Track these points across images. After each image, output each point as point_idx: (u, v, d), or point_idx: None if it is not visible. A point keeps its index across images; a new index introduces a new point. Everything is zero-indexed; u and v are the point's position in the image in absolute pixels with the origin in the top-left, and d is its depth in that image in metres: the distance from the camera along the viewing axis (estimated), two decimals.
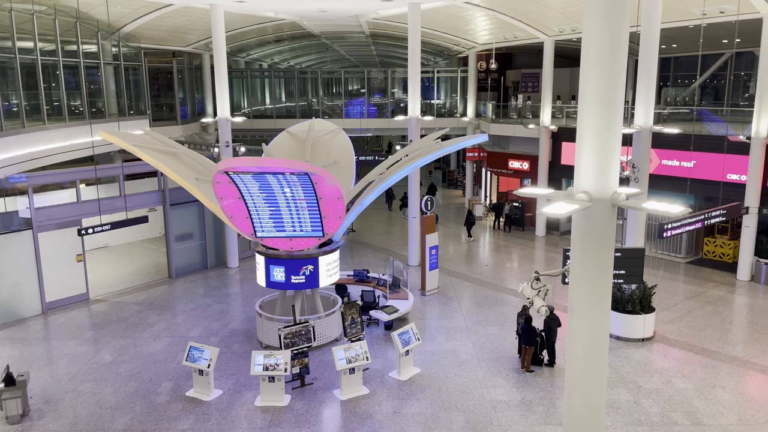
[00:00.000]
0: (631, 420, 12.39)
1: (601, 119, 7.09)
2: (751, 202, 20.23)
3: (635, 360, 15.16)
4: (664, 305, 18.04)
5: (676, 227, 16.33)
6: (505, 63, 36.08)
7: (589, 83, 7.09)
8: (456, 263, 23.99)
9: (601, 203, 7.15)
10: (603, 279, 7.40)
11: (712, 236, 23.50)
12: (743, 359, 15.19)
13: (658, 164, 22.71)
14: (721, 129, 22.34)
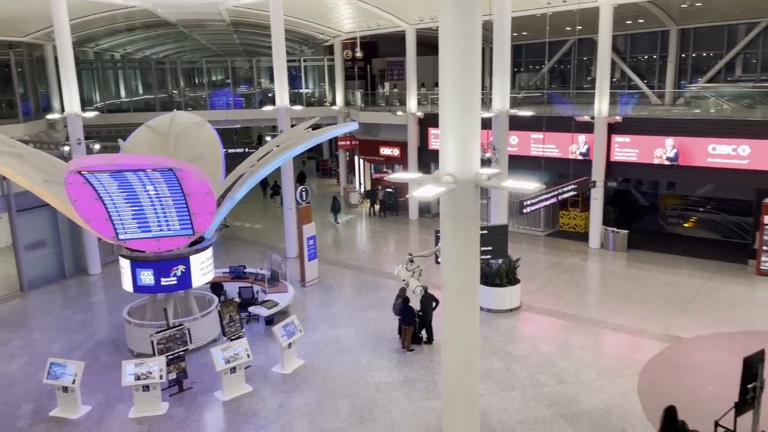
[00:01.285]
0: (504, 386, 13.22)
1: (461, 105, 7.41)
2: (598, 176, 22.24)
3: (505, 330, 16.18)
4: (528, 276, 19.37)
5: (534, 203, 17.56)
6: (370, 51, 36.53)
7: (447, 71, 7.37)
8: (335, 252, 24.09)
9: (465, 184, 7.49)
10: (471, 255, 7.77)
11: (566, 210, 25.56)
12: (598, 320, 16.73)
13: (519, 145, 24.22)
14: (569, 110, 24.26)
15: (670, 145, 20.82)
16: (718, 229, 23.88)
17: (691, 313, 16.75)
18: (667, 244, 23.18)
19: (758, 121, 20.25)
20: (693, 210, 24.86)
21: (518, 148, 24.19)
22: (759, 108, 22.14)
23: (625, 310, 17.10)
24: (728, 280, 19.19)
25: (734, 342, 14.35)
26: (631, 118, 22.41)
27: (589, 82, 29.33)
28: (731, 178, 20.15)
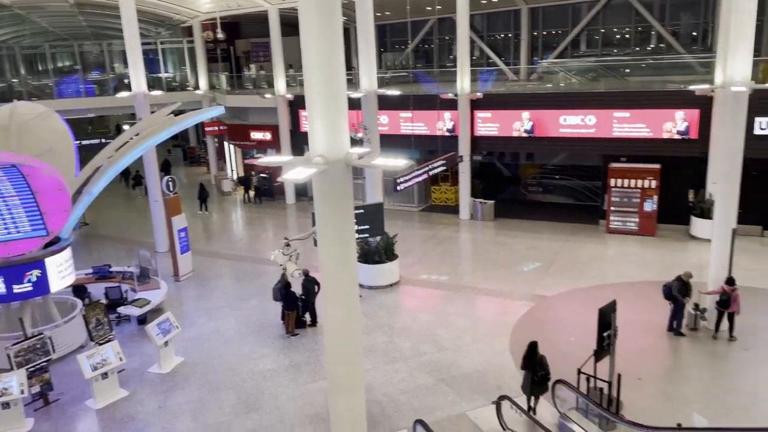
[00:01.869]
0: (388, 359, 13.57)
1: (327, 85, 7.36)
2: (464, 151, 23.26)
3: (386, 305, 16.57)
4: (406, 251, 19.91)
5: (407, 180, 18.02)
6: (233, 32, 35.27)
7: (310, 51, 7.27)
8: (209, 243, 23.25)
9: (336, 164, 7.48)
10: (346, 235, 7.83)
11: (438, 185, 26.54)
12: (472, 286, 17.63)
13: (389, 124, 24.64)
14: (434, 88, 25.06)
15: (527, 118, 22.22)
16: (573, 194, 25.99)
17: (553, 273, 18.14)
18: (529, 211, 24.85)
19: (602, 93, 22.18)
20: (550, 178, 26.83)
21: (389, 127, 24.63)
22: (602, 80, 24.24)
23: (496, 276, 18.16)
24: (583, 240, 20.98)
25: (590, 296, 15.73)
26: (491, 94, 23.61)
27: (452, 60, 30.45)
28: (581, 146, 21.95)
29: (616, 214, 21.25)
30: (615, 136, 20.97)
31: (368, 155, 8.01)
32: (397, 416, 11.42)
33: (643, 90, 21.69)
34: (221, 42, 32.36)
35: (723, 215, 13.99)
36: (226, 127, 31.49)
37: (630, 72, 24.69)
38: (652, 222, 20.75)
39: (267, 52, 33.06)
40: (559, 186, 26.46)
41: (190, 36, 34.01)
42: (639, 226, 20.87)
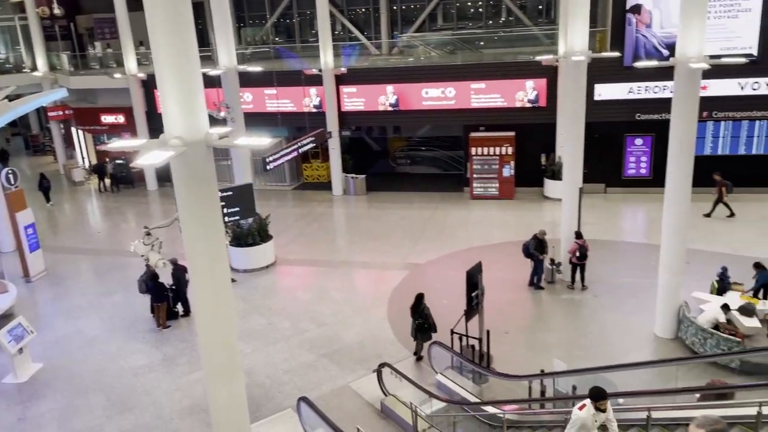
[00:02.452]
0: (268, 340, 13.42)
1: (178, 62, 6.94)
2: (332, 127, 23.23)
3: (263, 287, 16.31)
4: (280, 231, 19.64)
5: (276, 159, 17.70)
6: (71, 8, 32.14)
7: (157, 26, 6.81)
8: (63, 238, 21.43)
9: (195, 146, 7.13)
10: (212, 218, 7.53)
11: (309, 162, 26.35)
12: (349, 261, 17.83)
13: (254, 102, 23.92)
14: (298, 64, 24.66)
15: (391, 92, 22.62)
16: (439, 164, 26.97)
17: (425, 240, 18.82)
18: (399, 183, 25.48)
19: (459, 66, 23.07)
20: (417, 150, 27.62)
21: (253, 105, 23.95)
22: (459, 54, 25.18)
23: (371, 248, 18.50)
24: (450, 208, 21.93)
25: (459, 259, 16.50)
26: (355, 69, 23.71)
27: (314, 35, 30.09)
28: (442, 118, 22.80)
29: (478, 181, 22.41)
30: (473, 106, 21.99)
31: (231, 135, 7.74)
32: (281, 396, 11.38)
33: (496, 62, 22.85)
34: (59, 18, 29.45)
35: (570, 176, 15.25)
36: (72, 111, 28.89)
37: (484, 45, 25.87)
38: (511, 186, 22.15)
39: (113, 28, 30.58)
40: (425, 157, 27.33)
41: (22, 12, 30.57)
42: (499, 190, 22.18)
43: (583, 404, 6.35)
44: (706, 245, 16.20)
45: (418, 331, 12.22)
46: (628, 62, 19.84)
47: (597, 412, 6.31)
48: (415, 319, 12.21)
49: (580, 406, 6.35)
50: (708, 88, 19.02)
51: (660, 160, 14.64)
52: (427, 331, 12.21)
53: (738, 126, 20.40)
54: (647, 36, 20.06)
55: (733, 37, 19.49)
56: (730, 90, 19.87)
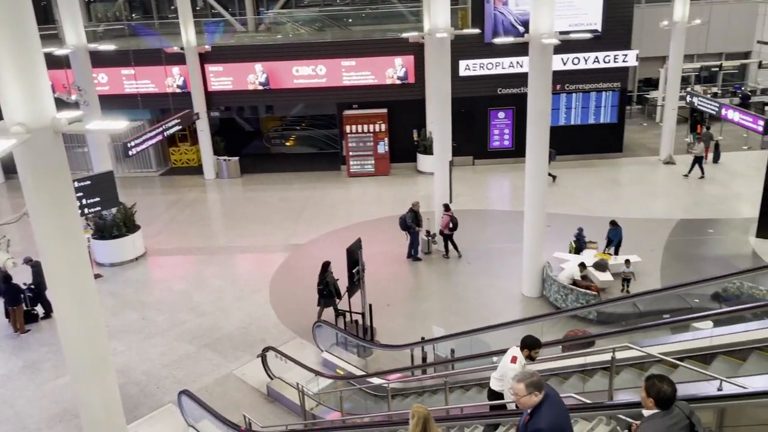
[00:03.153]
0: (143, 335, 12.76)
1: (14, 41, 6.27)
2: (199, 107, 22.23)
3: (134, 280, 15.42)
4: (149, 220, 18.60)
5: (139, 144, 16.69)
6: None
7: None
8: None
9: (41, 132, 6.52)
10: (68, 210, 6.97)
11: (176, 145, 25.07)
12: (227, 246, 17.32)
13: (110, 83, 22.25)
14: (157, 42, 23.24)
15: (261, 71, 22.03)
16: (315, 143, 26.81)
17: (305, 221, 18.72)
18: (276, 164, 25.02)
19: (329, 43, 22.93)
20: (291, 129, 27.24)
21: (110, 86, 22.29)
22: (328, 31, 25.02)
23: (250, 232, 18.08)
24: (328, 186, 21.93)
25: (340, 237, 16.59)
26: (220, 47, 22.79)
27: (173, 11, 28.44)
28: (315, 96, 22.63)
29: (354, 159, 22.58)
30: (345, 84, 22.01)
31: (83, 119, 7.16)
32: (161, 392, 10.90)
33: (365, 39, 22.98)
34: None
35: (440, 150, 15.80)
36: None
37: (352, 22, 25.90)
38: (386, 162, 22.55)
39: None
40: (301, 136, 27.04)
41: None
42: (375, 167, 22.51)
43: (514, 357, 6.20)
44: (563, 209, 17.55)
45: (321, 296, 12.62)
46: (488, 39, 20.76)
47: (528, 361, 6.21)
48: (319, 285, 12.59)
49: (512, 359, 6.20)
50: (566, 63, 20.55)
51: (521, 131, 15.56)
52: (329, 297, 12.58)
53: (587, 97, 22.16)
54: (504, 13, 21.10)
55: (579, 14, 21.03)
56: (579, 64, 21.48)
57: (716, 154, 21.41)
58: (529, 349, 6.17)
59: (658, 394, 3.77)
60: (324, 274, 12.61)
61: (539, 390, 4.02)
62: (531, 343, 6.19)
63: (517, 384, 4.08)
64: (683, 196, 18.76)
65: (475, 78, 21.64)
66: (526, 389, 4.02)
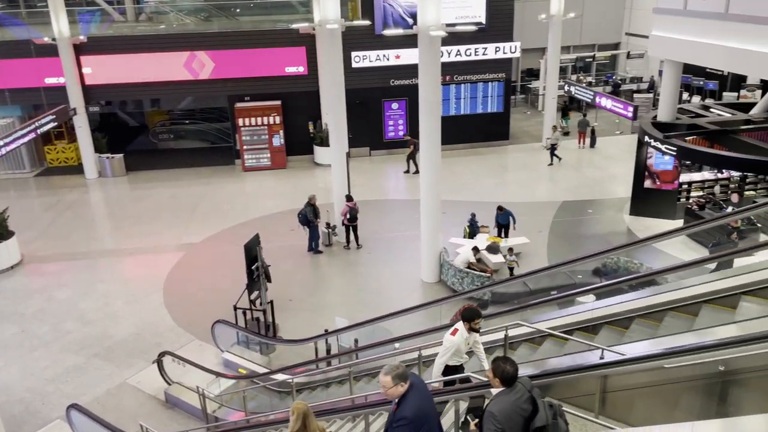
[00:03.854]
0: (24, 350, 11.80)
1: None
2: (76, 102, 20.74)
3: (10, 290, 14.20)
4: (25, 225, 17.14)
5: (8, 143, 15.40)
6: None
7: None
8: None
9: None
10: None
11: (52, 144, 23.27)
12: (114, 249, 16.37)
13: None
14: (25, 32, 21.38)
15: (142, 62, 20.87)
16: (207, 137, 25.87)
17: (198, 218, 18.05)
18: (164, 160, 23.89)
19: (217, 33, 22.15)
20: (180, 123, 26.11)
21: None
22: (215, 21, 24.16)
23: (139, 232, 17.16)
24: (223, 181, 21.28)
25: (237, 234, 16.11)
26: (97, 38, 21.36)
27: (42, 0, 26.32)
28: (204, 88, 21.82)
29: (249, 152, 22.04)
30: (235, 76, 21.40)
31: None
32: (47, 408, 10.16)
33: (255, 29, 22.43)
34: None
35: (337, 142, 15.80)
36: None
37: (240, 12, 25.17)
38: (282, 155, 22.21)
39: None
40: (191, 131, 25.99)
41: None
42: (271, 160, 22.11)
43: (455, 329, 6.13)
44: (457, 196, 18.15)
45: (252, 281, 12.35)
46: (378, 30, 20.97)
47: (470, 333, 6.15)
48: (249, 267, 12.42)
49: (452, 332, 6.13)
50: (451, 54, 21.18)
51: (414, 121, 15.88)
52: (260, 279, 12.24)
53: (475, 88, 22.99)
54: (393, 5, 21.37)
55: (465, 6, 21.73)
56: (466, 55, 22.23)
57: (593, 139, 23.00)
58: (468, 321, 6.09)
59: (503, 373, 4.12)
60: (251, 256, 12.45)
61: (404, 380, 4.23)
62: (469, 316, 6.12)
63: (384, 377, 4.30)
64: (565, 179, 20.01)
65: (368, 69, 21.78)
66: (392, 381, 4.21)
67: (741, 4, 12.27)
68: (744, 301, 5.62)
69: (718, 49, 13.03)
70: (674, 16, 14.39)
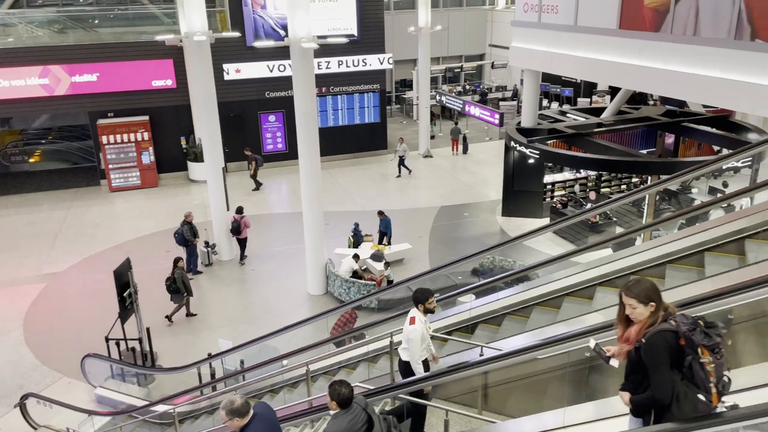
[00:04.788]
0: None
1: None
2: None
3: None
4: None
5: None
6: None
7: None
8: None
9: None
10: None
11: None
12: None
13: None
14: None
15: None
16: (68, 157, 23.98)
17: (61, 245, 16.65)
18: (18, 184, 21.84)
19: (74, 46, 20.58)
20: (35, 143, 24.00)
21: None
22: (70, 33, 22.49)
23: None
24: (88, 204, 19.80)
25: (106, 259, 15.08)
26: None
27: None
28: (61, 105, 20.25)
29: (115, 172, 20.71)
30: (97, 91, 20.06)
31: None
32: None
33: (117, 42, 21.15)
34: None
35: (212, 156, 15.28)
36: None
37: (100, 23, 23.63)
38: (153, 173, 21.09)
39: None
40: (47, 151, 23.97)
41: None
42: (141, 179, 20.91)
43: (412, 317, 5.72)
44: (340, 206, 18.21)
45: (170, 292, 12.60)
46: (250, 42, 20.61)
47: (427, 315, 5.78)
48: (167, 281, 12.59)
49: (410, 321, 5.72)
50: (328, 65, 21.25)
51: (293, 134, 15.73)
52: (176, 292, 12.50)
53: (351, 99, 23.26)
54: (264, 17, 21.11)
55: (336, 18, 21.95)
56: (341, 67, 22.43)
57: (465, 146, 24.07)
58: (422, 303, 5.70)
59: (339, 396, 4.35)
60: (174, 269, 12.51)
61: (241, 415, 4.22)
62: (423, 297, 5.72)
63: (220, 411, 4.31)
64: (442, 185, 20.75)
65: (242, 82, 21.31)
66: (227, 416, 4.21)
67: (588, 18, 13.43)
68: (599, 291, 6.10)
69: (570, 59, 14.17)
70: (530, 29, 15.45)
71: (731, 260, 5.35)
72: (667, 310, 3.33)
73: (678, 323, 3.22)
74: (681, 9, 11.03)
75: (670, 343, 3.20)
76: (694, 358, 3.14)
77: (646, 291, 3.35)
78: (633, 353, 3.40)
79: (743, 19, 9.89)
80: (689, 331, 3.16)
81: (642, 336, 3.32)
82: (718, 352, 3.14)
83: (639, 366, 3.36)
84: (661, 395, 3.21)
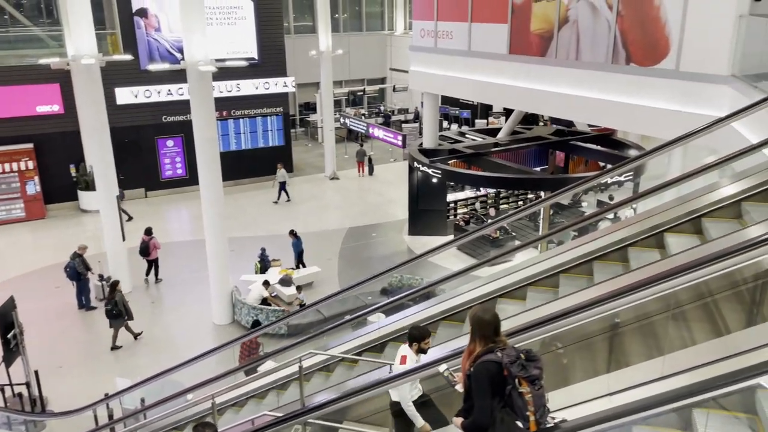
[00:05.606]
0: None
1: None
2: None
3: None
4: None
5: None
6: None
7: None
8: None
9: None
10: None
11: None
12: None
13: None
14: None
15: None
16: None
17: None
18: None
19: None
20: None
21: None
22: None
23: None
24: None
25: None
26: None
27: None
28: None
29: None
30: None
31: None
32: None
33: None
34: None
35: (105, 185, 14.48)
36: None
37: None
38: (40, 204, 19.66)
39: None
40: None
41: None
42: (26, 211, 19.41)
43: (403, 356, 5.38)
44: (245, 232, 17.80)
45: (110, 317, 12.35)
46: (144, 65, 19.88)
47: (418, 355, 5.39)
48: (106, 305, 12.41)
49: (401, 361, 5.37)
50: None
51: (193, 159, 15.24)
52: (118, 317, 12.32)
53: (254, 122, 22.95)
54: (159, 39, 20.46)
55: (236, 42, 21.67)
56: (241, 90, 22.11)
57: (370, 167, 24.35)
58: (418, 341, 5.34)
59: None
60: (113, 293, 12.33)
61: None
62: (419, 335, 5.38)
63: None
64: (350, 206, 20.83)
65: (136, 106, 20.47)
66: None
67: (480, 43, 14.10)
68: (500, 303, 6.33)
69: (466, 82, 14.78)
70: (427, 54, 15.99)
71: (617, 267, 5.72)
72: (499, 342, 3.55)
73: (502, 355, 3.45)
74: (564, 35, 11.85)
75: (492, 372, 3.43)
76: (514, 388, 3.39)
77: (471, 319, 3.65)
78: (467, 381, 3.65)
79: (619, 45, 10.78)
80: (509, 363, 3.40)
81: (471, 365, 3.56)
82: (536, 384, 3.40)
83: (470, 393, 3.61)
84: (481, 420, 3.45)
